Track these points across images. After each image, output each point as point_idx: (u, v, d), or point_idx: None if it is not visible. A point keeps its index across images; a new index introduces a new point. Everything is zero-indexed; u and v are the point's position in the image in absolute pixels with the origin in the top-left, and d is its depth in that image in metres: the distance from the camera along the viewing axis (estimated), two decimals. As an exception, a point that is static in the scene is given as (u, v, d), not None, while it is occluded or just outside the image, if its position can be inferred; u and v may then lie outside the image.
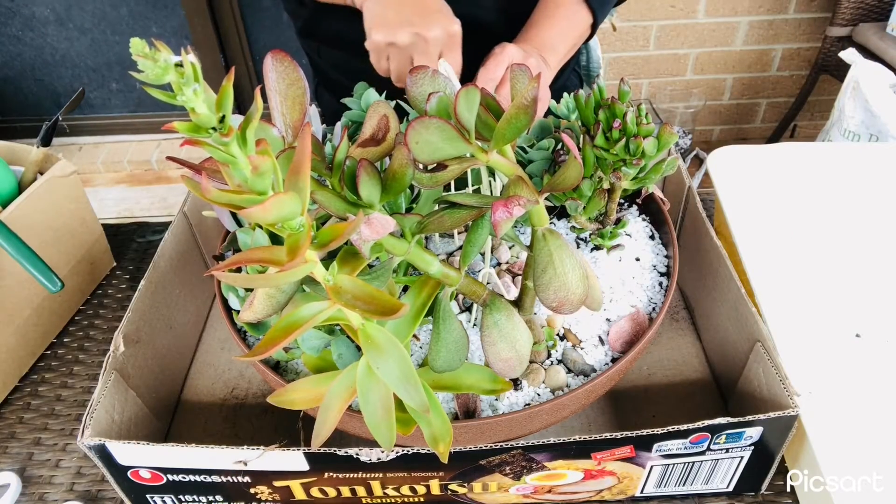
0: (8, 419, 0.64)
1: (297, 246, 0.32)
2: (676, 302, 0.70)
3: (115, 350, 0.53)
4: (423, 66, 0.42)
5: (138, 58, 0.26)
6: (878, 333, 0.57)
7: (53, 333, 0.72)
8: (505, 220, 0.37)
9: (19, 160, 0.73)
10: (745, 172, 0.72)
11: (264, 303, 0.40)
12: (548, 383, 0.49)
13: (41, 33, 2.29)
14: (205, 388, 0.65)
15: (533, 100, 0.37)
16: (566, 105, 0.56)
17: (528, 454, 0.46)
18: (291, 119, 0.39)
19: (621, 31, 2.07)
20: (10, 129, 2.42)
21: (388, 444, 0.40)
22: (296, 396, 0.45)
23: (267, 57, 0.39)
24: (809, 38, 2.09)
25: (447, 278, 0.43)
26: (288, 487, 0.50)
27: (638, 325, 0.52)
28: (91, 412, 0.48)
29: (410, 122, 0.37)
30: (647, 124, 0.46)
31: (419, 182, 0.40)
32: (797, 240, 0.65)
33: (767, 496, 0.53)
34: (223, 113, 0.29)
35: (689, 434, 0.46)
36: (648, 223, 0.61)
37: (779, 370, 0.48)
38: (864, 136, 1.43)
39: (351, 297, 0.35)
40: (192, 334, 0.69)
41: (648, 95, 2.22)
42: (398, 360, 0.38)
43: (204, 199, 0.30)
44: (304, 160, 0.31)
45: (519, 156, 0.56)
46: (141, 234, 0.86)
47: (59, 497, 0.57)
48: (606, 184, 0.51)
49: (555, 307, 0.41)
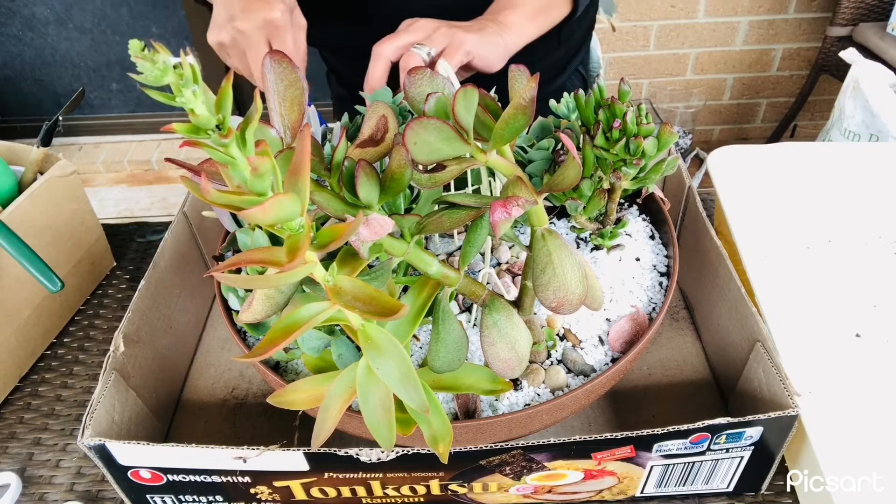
0: (8, 419, 0.64)
1: (296, 247, 0.32)
2: (676, 302, 0.70)
3: (115, 350, 0.53)
4: (420, 66, 0.42)
5: (137, 59, 0.26)
6: (878, 333, 0.57)
7: (53, 333, 0.72)
8: (503, 221, 0.37)
9: (19, 160, 0.73)
10: (745, 172, 0.72)
11: (263, 303, 0.40)
12: (548, 383, 0.49)
13: (41, 33, 2.29)
14: (205, 388, 0.65)
15: (531, 100, 0.37)
16: (566, 105, 0.56)
17: (528, 454, 0.46)
18: (290, 120, 0.39)
19: (621, 31, 2.07)
20: (10, 129, 2.42)
21: (388, 444, 0.40)
22: (296, 397, 0.45)
23: (265, 58, 0.39)
24: (809, 38, 2.09)
25: (446, 279, 0.43)
26: (288, 488, 0.50)
27: (638, 325, 0.52)
28: (91, 412, 0.48)
29: (409, 123, 0.37)
30: (647, 124, 0.46)
31: (418, 183, 0.40)
32: (797, 240, 0.65)
33: (767, 496, 0.53)
34: (222, 114, 0.29)
35: (689, 434, 0.46)
36: (648, 223, 0.61)
37: (779, 370, 0.48)
38: (864, 136, 1.43)
39: (351, 297, 0.35)
40: (192, 334, 0.69)
41: (648, 95, 2.22)
42: (398, 360, 0.38)
43: (203, 200, 0.30)
44: (304, 161, 0.31)
45: (519, 156, 0.56)
46: (141, 234, 0.86)
47: (60, 497, 0.57)
48: (606, 184, 0.51)
49: (554, 307, 0.41)
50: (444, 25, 0.65)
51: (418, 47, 0.62)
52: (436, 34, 0.64)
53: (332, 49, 0.96)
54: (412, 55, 0.61)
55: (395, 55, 0.63)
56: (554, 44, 0.91)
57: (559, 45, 0.91)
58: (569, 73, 0.98)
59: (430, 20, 0.65)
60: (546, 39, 0.89)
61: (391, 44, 0.63)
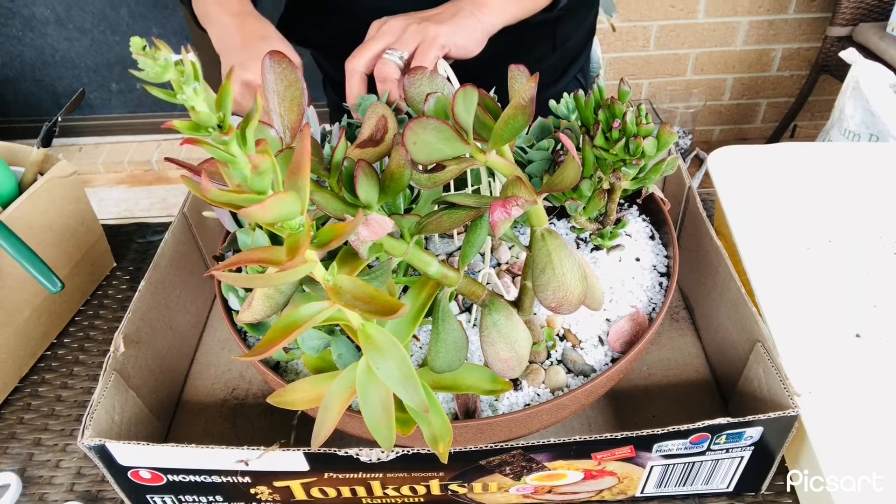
0: (8, 420, 0.64)
1: (296, 246, 0.32)
2: (676, 302, 0.70)
3: (116, 350, 0.53)
4: (420, 66, 0.42)
5: (138, 56, 0.26)
6: (878, 333, 0.57)
7: (53, 334, 0.72)
8: (503, 221, 0.37)
9: (19, 161, 0.73)
10: (745, 172, 0.72)
11: (263, 303, 0.40)
12: (547, 383, 0.49)
13: (41, 34, 2.29)
14: (205, 389, 0.65)
15: (530, 100, 0.37)
16: (566, 105, 0.56)
17: (528, 454, 0.46)
18: (289, 120, 0.39)
19: (621, 31, 2.07)
20: (10, 130, 2.42)
21: (387, 444, 0.40)
22: (296, 397, 0.45)
23: (265, 58, 0.39)
24: (809, 38, 2.09)
25: (446, 279, 0.43)
26: (288, 488, 0.50)
27: (638, 326, 0.52)
28: (91, 412, 0.48)
29: (408, 123, 0.37)
30: (646, 124, 0.46)
31: (417, 183, 0.40)
32: (797, 240, 0.65)
33: (767, 496, 0.53)
34: (223, 112, 0.29)
35: (689, 434, 0.46)
36: (648, 223, 0.61)
37: (779, 370, 0.48)
38: (864, 136, 1.43)
39: (350, 297, 0.35)
40: (192, 334, 0.69)
41: (648, 95, 2.22)
42: (398, 360, 0.38)
43: (204, 199, 0.30)
44: (304, 160, 0.31)
45: (518, 156, 0.56)
46: (141, 234, 0.86)
47: (60, 497, 0.57)
48: (606, 184, 0.51)
49: (554, 307, 0.41)
50: (414, 22, 0.62)
51: (390, 52, 0.60)
52: (406, 34, 0.61)
53: (321, 48, 0.95)
54: (385, 63, 0.60)
55: (367, 67, 0.62)
56: (548, 47, 0.90)
57: (554, 50, 0.91)
58: (567, 80, 0.97)
59: (398, 19, 0.63)
60: (540, 41, 0.89)
61: (362, 57, 0.61)
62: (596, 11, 0.98)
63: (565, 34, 0.90)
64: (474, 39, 0.65)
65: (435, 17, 0.64)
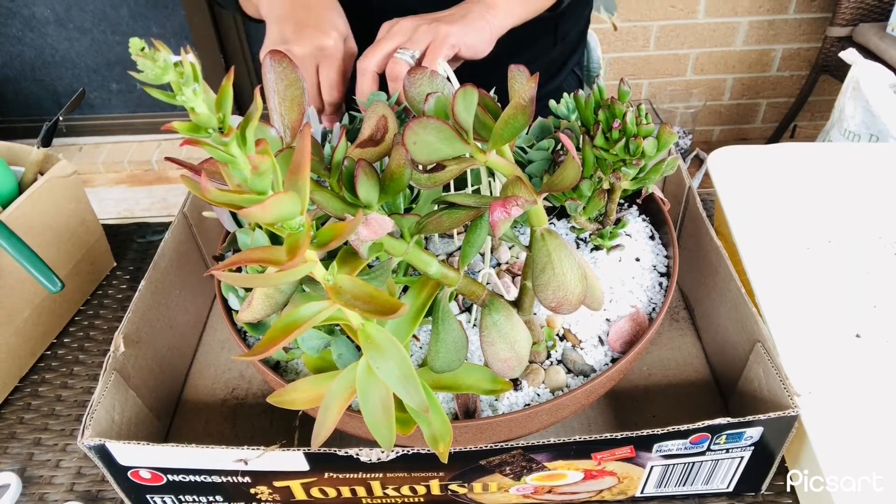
0: (8, 419, 0.64)
1: (296, 245, 0.32)
2: (676, 302, 0.70)
3: (116, 350, 0.53)
4: (421, 66, 0.42)
5: (137, 57, 0.26)
6: (878, 333, 0.57)
7: (53, 333, 0.72)
8: (503, 221, 0.37)
9: (19, 161, 0.73)
10: (745, 172, 0.72)
11: (263, 303, 0.40)
12: (547, 383, 0.49)
13: (41, 34, 2.29)
14: (205, 388, 0.65)
15: (530, 100, 0.37)
16: (566, 105, 0.56)
17: (528, 454, 0.46)
18: (290, 120, 0.39)
19: (621, 31, 2.07)
20: (10, 130, 2.42)
21: (387, 444, 0.40)
22: (296, 396, 0.45)
23: (265, 57, 0.39)
24: (809, 38, 2.09)
25: (446, 279, 0.43)
26: (288, 488, 0.50)
27: (638, 326, 0.52)
28: (91, 412, 0.48)
29: (408, 123, 0.37)
30: (646, 124, 0.46)
31: (417, 183, 0.40)
32: (797, 240, 0.65)
33: (767, 496, 0.53)
34: (223, 113, 0.29)
35: (689, 434, 0.46)
36: (648, 223, 0.61)
37: (779, 370, 0.48)
38: (864, 136, 1.43)
39: (350, 296, 0.35)
40: (192, 334, 0.69)
41: (648, 96, 2.22)
42: (398, 360, 0.38)
43: (204, 199, 0.30)
44: (304, 160, 0.31)
45: (519, 156, 0.56)
46: (141, 234, 0.86)
47: (60, 497, 0.57)
48: (606, 184, 0.51)
49: (553, 307, 0.41)
50: (424, 22, 0.63)
51: (402, 52, 0.61)
52: (417, 34, 0.62)
53: None
54: (397, 62, 0.60)
55: (379, 67, 0.62)
56: (550, 42, 0.91)
57: (555, 44, 0.91)
58: (565, 74, 0.98)
59: (409, 19, 0.64)
60: (542, 37, 0.89)
61: (374, 57, 0.62)
62: (591, 4, 0.99)
63: (565, 28, 0.91)
64: (484, 40, 0.66)
65: (445, 18, 0.65)
